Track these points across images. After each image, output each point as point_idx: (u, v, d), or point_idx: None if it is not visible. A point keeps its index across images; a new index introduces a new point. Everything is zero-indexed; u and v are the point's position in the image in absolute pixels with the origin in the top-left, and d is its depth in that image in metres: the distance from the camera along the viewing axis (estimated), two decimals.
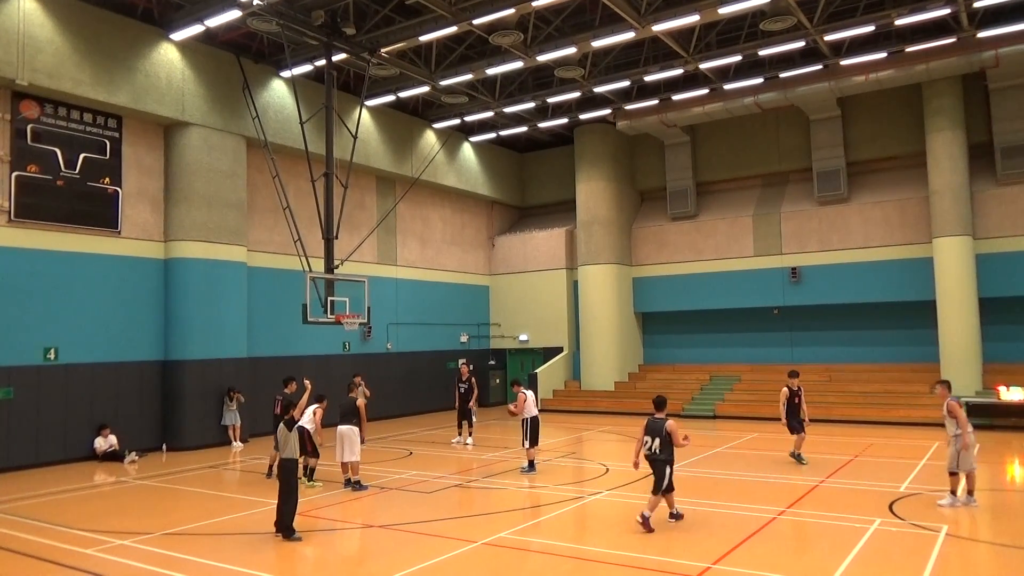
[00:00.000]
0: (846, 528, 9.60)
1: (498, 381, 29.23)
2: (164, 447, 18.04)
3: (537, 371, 26.49)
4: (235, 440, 18.59)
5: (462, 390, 18.27)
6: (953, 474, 10.77)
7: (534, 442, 14.17)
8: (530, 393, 14.43)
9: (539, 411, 14.88)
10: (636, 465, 10.19)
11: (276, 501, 9.66)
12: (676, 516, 10.06)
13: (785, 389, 14.45)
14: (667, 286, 26.86)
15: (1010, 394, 18.72)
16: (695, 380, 25.40)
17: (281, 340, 21.10)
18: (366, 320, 18.75)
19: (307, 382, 12.09)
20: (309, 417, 12.60)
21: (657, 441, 9.79)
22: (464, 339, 28.18)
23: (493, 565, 8.55)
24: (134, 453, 16.61)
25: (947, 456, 10.93)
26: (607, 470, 14.35)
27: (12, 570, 8.67)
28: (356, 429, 12.83)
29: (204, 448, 18.11)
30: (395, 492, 12.76)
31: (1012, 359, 21.21)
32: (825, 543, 9.12)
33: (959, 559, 8.72)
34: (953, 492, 10.75)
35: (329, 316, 17.67)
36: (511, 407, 14.46)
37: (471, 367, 19.57)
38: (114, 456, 16.50)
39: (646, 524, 9.50)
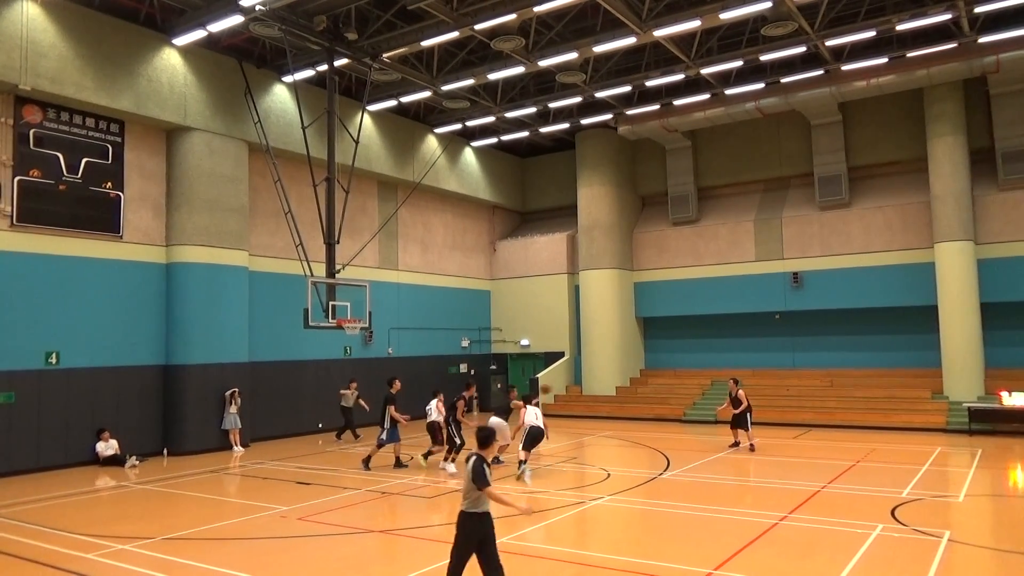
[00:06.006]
0: (848, 534, 9.59)
1: (499, 386, 29.19)
2: (165, 451, 18.05)
3: (538, 376, 26.45)
4: (236, 444, 18.57)
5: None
6: None
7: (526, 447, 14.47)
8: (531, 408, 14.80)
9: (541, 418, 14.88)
10: (720, 415, 18.36)
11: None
12: (751, 446, 16.83)
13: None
14: (668, 291, 26.85)
15: (1012, 399, 18.67)
16: (696, 385, 25.35)
17: (282, 344, 21.11)
18: (367, 325, 18.79)
19: (398, 382, 13.73)
20: (436, 411, 15.33)
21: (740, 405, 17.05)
22: (465, 344, 28.17)
23: None
24: (135, 457, 16.61)
25: None
26: (608, 475, 14.34)
27: (13, 574, 8.67)
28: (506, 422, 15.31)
29: (205, 453, 18.11)
30: (397, 497, 12.75)
31: (1014, 364, 21.17)
32: (827, 549, 9.10)
33: (962, 565, 8.69)
34: None
35: (330, 321, 17.68)
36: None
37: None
38: (115, 460, 16.52)
39: (752, 447, 16.71)
